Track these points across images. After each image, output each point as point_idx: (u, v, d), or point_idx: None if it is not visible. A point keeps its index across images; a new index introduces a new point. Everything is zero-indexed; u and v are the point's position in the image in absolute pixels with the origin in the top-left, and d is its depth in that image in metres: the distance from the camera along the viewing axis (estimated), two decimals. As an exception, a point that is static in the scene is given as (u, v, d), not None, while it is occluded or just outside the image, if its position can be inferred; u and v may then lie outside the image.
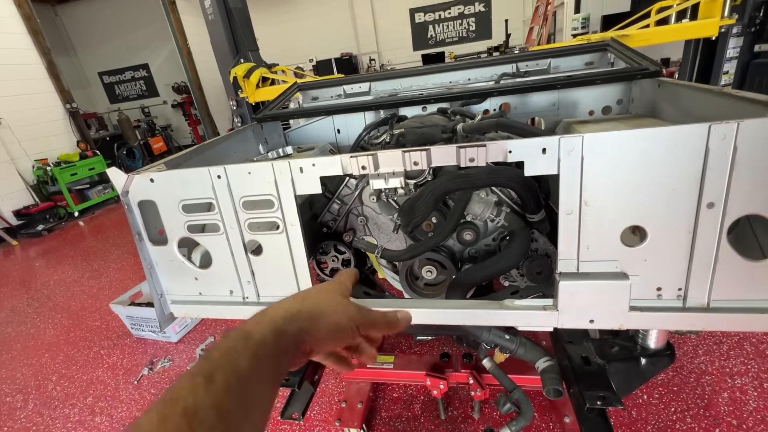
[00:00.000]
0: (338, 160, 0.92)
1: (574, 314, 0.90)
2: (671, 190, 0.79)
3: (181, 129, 11.49)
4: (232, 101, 3.40)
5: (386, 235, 1.38)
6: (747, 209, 0.77)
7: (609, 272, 0.86)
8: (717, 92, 1.04)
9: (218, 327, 2.85)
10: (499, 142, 0.82)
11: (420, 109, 1.86)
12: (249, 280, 1.09)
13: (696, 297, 0.84)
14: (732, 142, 0.73)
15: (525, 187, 1.05)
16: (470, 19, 9.45)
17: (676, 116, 1.29)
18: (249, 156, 1.71)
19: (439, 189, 1.04)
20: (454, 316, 1.01)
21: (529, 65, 1.95)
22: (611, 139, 0.78)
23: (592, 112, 1.72)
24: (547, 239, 1.19)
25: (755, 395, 1.74)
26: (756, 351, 1.96)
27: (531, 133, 1.11)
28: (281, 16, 9.70)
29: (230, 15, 3.22)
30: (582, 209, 0.83)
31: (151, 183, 1.04)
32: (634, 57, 1.54)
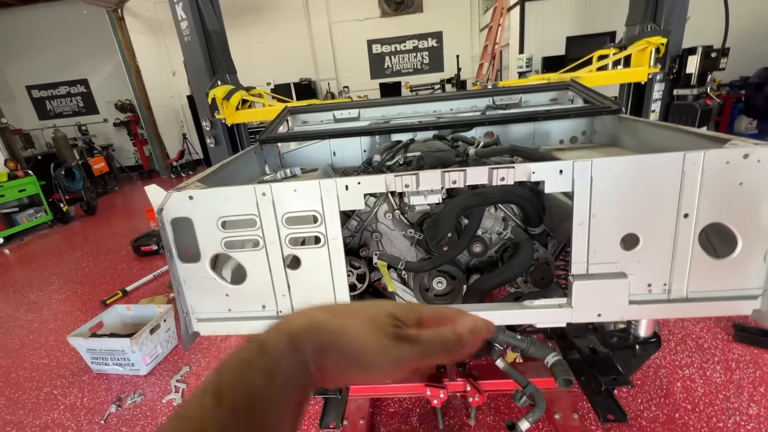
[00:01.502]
0: (383, 179, 1.02)
1: (585, 310, 1.06)
2: (658, 204, 0.99)
3: (123, 149, 10.77)
4: (205, 122, 3.35)
5: (398, 249, 1.48)
6: (712, 218, 0.99)
7: (612, 272, 1.04)
8: (672, 128, 1.31)
9: (193, 356, 2.70)
10: (525, 164, 0.98)
11: (413, 135, 2.02)
12: (284, 294, 1.13)
13: (677, 290, 1.04)
14: (700, 167, 0.95)
15: (532, 203, 1.22)
16: (424, 53, 10.12)
17: (636, 146, 1.57)
18: (254, 176, 1.74)
19: (461, 205, 1.17)
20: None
21: (503, 99, 2.20)
22: (614, 163, 0.97)
23: (563, 141, 1.99)
24: (546, 249, 1.37)
25: (701, 382, 2.03)
26: (696, 345, 2.30)
27: (540, 156, 1.29)
28: (239, 38, 9.65)
29: (208, 37, 3.22)
30: (591, 220, 1.01)
31: (190, 200, 1.06)
32: (594, 96, 1.83)
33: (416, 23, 9.88)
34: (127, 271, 4.26)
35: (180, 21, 3.22)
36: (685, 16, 3.24)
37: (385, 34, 10.04)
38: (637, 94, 3.32)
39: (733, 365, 2.12)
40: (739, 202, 0.97)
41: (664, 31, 2.99)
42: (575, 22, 6.80)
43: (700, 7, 4.00)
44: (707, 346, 2.28)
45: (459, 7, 9.62)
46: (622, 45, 3.13)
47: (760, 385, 1.97)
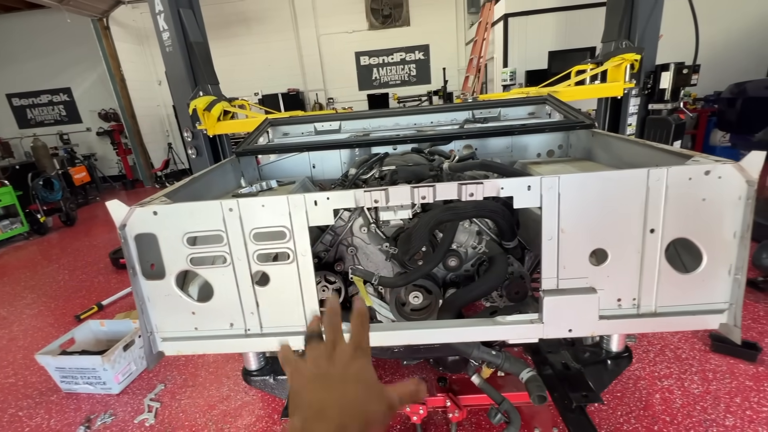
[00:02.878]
0: (352, 194, 1.01)
1: (556, 325, 1.05)
2: (624, 219, 1.00)
3: (106, 158, 10.58)
4: (186, 132, 3.31)
5: (374, 264, 1.47)
6: (677, 233, 1.00)
7: (582, 288, 1.04)
8: (641, 144, 1.33)
9: (168, 372, 2.61)
10: (494, 180, 0.98)
11: (392, 148, 2.02)
12: (253, 312, 1.10)
13: (646, 305, 1.05)
14: (664, 183, 0.97)
15: (504, 217, 1.22)
16: (411, 65, 10.26)
17: (608, 160, 1.59)
18: (229, 189, 1.72)
19: (434, 220, 1.17)
20: (452, 334, 1.12)
21: (482, 112, 2.23)
22: (580, 179, 0.98)
23: (540, 155, 2.02)
24: (520, 263, 1.37)
25: (680, 394, 2.04)
26: (675, 356, 2.32)
27: (511, 172, 1.30)
28: (228, 48, 9.68)
29: (190, 49, 3.20)
30: (560, 236, 1.01)
31: (154, 216, 1.03)
32: (569, 110, 1.86)
33: (403, 36, 10.03)
34: (104, 285, 4.14)
35: (162, 32, 3.20)
36: (657, 34, 3.36)
37: (372, 46, 10.17)
38: (614, 109, 3.41)
39: (710, 376, 2.14)
40: (702, 218, 0.98)
41: (638, 48, 3.09)
42: (557, 37, 6.99)
43: (673, 25, 4.15)
44: (685, 357, 2.30)
45: (445, 22, 9.81)
46: (598, 61, 3.22)
47: (736, 396, 1.99)
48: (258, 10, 9.88)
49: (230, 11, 9.76)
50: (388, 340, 1.13)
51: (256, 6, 9.85)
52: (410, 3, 9.79)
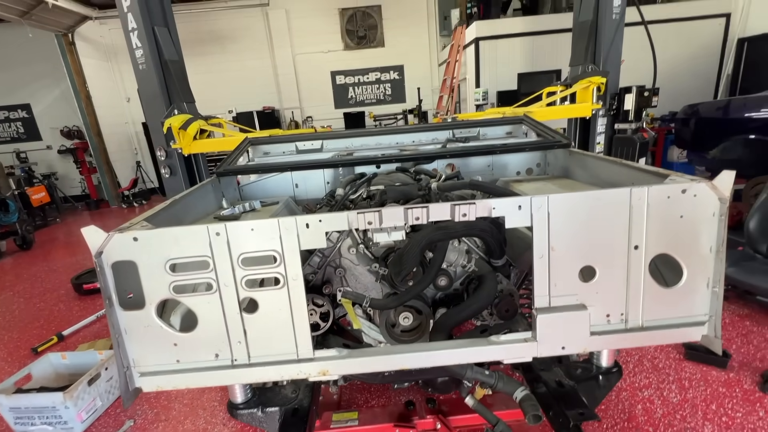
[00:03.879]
0: (345, 217, 1.00)
1: (550, 343, 1.06)
2: (610, 237, 1.03)
3: (68, 177, 10.07)
4: (160, 151, 3.20)
5: (363, 285, 1.44)
6: (659, 249, 1.04)
7: (572, 305, 1.06)
8: (618, 163, 1.40)
9: (138, 407, 2.43)
10: (486, 200, 1.00)
11: (375, 167, 2.03)
12: (240, 341, 1.05)
13: (634, 319, 1.08)
14: (645, 201, 1.01)
15: (493, 236, 1.23)
16: (387, 85, 10.47)
17: (586, 178, 1.66)
18: (210, 211, 1.66)
19: (425, 240, 1.16)
20: (446, 357, 1.10)
21: (462, 132, 2.29)
22: (568, 199, 1.00)
23: (519, 173, 2.08)
24: (509, 280, 1.38)
25: (660, 403, 2.10)
26: (652, 365, 2.39)
27: (500, 192, 1.33)
28: (200, 66, 9.54)
29: (165, 67, 3.13)
30: (550, 254, 1.03)
31: (134, 242, 0.97)
32: (545, 130, 1.94)
33: (378, 57, 10.25)
34: (65, 313, 3.85)
35: (135, 49, 3.12)
36: (619, 59, 3.60)
37: (348, 66, 10.32)
38: (583, 128, 3.60)
39: (686, 384, 2.22)
40: (681, 234, 1.03)
41: (603, 72, 3.30)
42: (525, 60, 7.35)
43: (632, 52, 4.47)
44: (662, 366, 2.37)
45: (418, 44, 10.12)
46: (567, 83, 3.40)
47: (712, 403, 2.06)
48: (233, 29, 9.86)
49: (204, 29, 9.68)
50: (380, 366, 1.10)
51: (230, 25, 9.82)
52: (384, 25, 10.06)
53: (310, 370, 1.06)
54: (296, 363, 1.06)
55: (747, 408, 2.01)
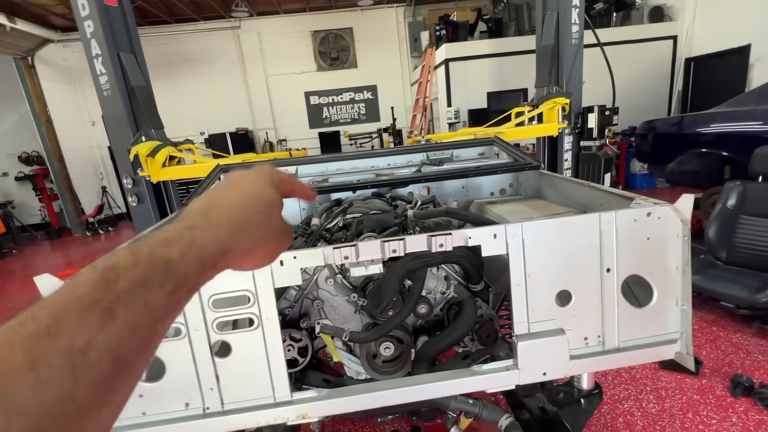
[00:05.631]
0: (320, 252, 0.97)
1: (532, 370, 1.06)
2: (583, 261, 1.05)
3: (26, 206, 9.51)
4: (126, 179, 3.07)
5: (342, 316, 1.41)
6: (630, 271, 1.07)
7: (551, 330, 1.06)
8: (585, 185, 1.44)
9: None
10: (462, 230, 1.00)
11: (351, 193, 2.01)
12: (212, 387, 0.99)
13: (610, 341, 1.09)
14: (614, 225, 1.04)
15: (471, 262, 1.24)
16: (361, 104, 10.61)
17: (557, 198, 1.71)
18: (179, 244, 1.59)
19: (404, 269, 1.15)
20: (430, 391, 1.08)
21: (436, 154, 2.32)
22: (540, 226, 1.02)
23: (493, 193, 2.12)
24: (488, 305, 1.38)
25: (640, 415, 2.13)
26: (630, 376, 2.44)
27: (475, 220, 1.34)
28: (169, 88, 9.37)
29: (131, 92, 3.04)
30: (527, 280, 1.04)
31: (94, 288, 0.91)
32: (516, 152, 2.00)
33: (352, 77, 10.41)
34: (20, 354, 3.56)
35: (99, 75, 3.02)
36: (581, 81, 3.81)
37: (322, 86, 10.42)
38: (551, 146, 3.76)
39: (663, 393, 2.27)
40: (648, 255, 1.07)
41: (566, 93, 3.47)
42: (493, 80, 7.65)
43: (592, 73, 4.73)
44: (639, 377, 2.42)
45: (391, 65, 10.36)
46: (534, 104, 3.55)
47: (688, 411, 2.11)
48: (203, 51, 9.80)
49: (174, 51, 9.57)
50: (362, 404, 1.06)
51: (201, 47, 9.76)
52: (357, 47, 10.27)
53: (288, 414, 1.01)
54: (273, 407, 1.01)
55: (721, 414, 2.07)
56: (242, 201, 0.43)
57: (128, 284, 0.30)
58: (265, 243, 0.44)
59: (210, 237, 0.38)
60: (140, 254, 0.33)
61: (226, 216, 0.41)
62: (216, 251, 0.38)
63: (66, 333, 0.25)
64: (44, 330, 0.25)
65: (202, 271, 0.36)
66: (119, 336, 0.28)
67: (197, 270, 0.35)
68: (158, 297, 0.31)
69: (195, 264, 0.35)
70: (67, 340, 0.25)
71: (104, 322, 0.27)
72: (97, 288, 0.29)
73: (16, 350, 0.24)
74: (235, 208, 0.42)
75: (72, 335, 0.25)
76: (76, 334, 0.26)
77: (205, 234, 0.38)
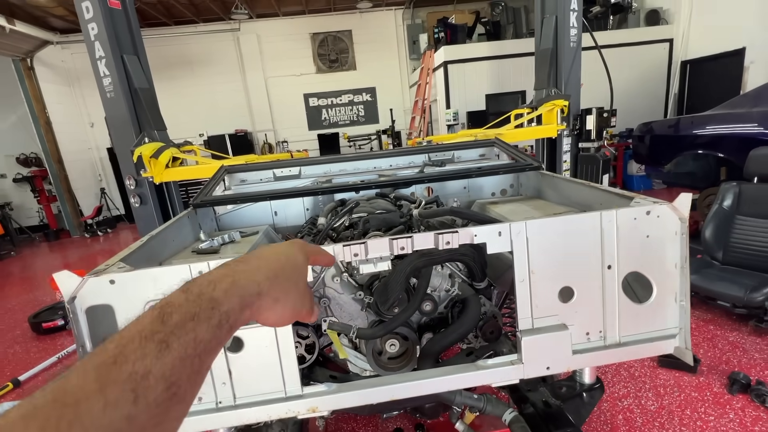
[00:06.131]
0: (330, 250, 1.00)
1: (535, 364, 1.09)
2: (585, 258, 1.08)
3: (24, 207, 9.49)
4: (129, 180, 3.09)
5: (348, 314, 1.43)
6: (630, 268, 1.10)
7: (554, 325, 1.09)
8: (586, 185, 1.48)
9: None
10: (468, 228, 1.03)
11: (354, 193, 2.04)
12: (225, 382, 1.01)
13: (611, 336, 1.13)
14: (615, 224, 1.07)
15: (475, 260, 1.27)
16: (359, 106, 10.66)
17: (558, 199, 1.74)
18: (187, 244, 1.61)
19: (410, 267, 1.18)
20: (436, 385, 1.11)
21: (438, 155, 2.35)
22: (543, 224, 1.05)
23: (494, 194, 2.15)
24: (491, 302, 1.41)
25: (639, 412, 2.16)
26: (629, 374, 2.47)
27: (480, 219, 1.37)
28: (169, 90, 9.38)
29: (134, 95, 3.07)
30: (531, 277, 1.07)
31: (111, 285, 0.94)
32: (516, 153, 2.03)
33: (351, 79, 10.46)
34: (21, 356, 3.57)
35: (102, 77, 3.05)
36: (579, 84, 3.86)
37: (321, 88, 10.45)
38: (550, 148, 3.80)
39: (662, 391, 2.30)
40: (648, 253, 1.10)
41: (565, 95, 3.52)
42: (491, 82, 7.71)
43: (590, 75, 4.79)
44: (638, 375, 2.46)
45: (389, 67, 10.41)
46: (533, 106, 3.60)
47: (686, 408, 2.15)
48: (203, 53, 9.82)
49: (174, 53, 9.59)
50: (371, 398, 1.09)
51: (201, 49, 9.79)
52: (356, 49, 10.32)
53: (299, 408, 1.03)
54: (284, 401, 1.03)
55: (718, 411, 2.11)
56: (277, 257, 0.51)
57: (180, 318, 0.35)
58: (292, 297, 0.50)
59: (249, 278, 0.44)
60: (191, 293, 0.38)
61: (263, 265, 0.48)
62: (253, 292, 0.44)
63: (129, 361, 0.30)
64: (111, 359, 0.29)
65: (242, 309, 0.41)
66: (173, 365, 0.32)
67: (238, 308, 0.41)
68: (205, 330, 0.36)
69: (236, 302, 0.41)
70: (130, 367, 0.29)
71: (161, 351, 0.32)
72: (155, 322, 0.34)
73: (89, 376, 0.28)
74: (271, 261, 0.49)
75: (134, 363, 0.30)
76: (138, 362, 0.30)
77: (245, 276, 0.44)
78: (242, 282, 0.43)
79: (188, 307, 0.37)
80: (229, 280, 0.42)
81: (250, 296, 0.43)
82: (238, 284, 0.42)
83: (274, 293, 0.46)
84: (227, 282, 0.41)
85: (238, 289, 0.42)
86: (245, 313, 0.42)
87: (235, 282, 0.42)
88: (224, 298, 0.40)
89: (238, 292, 0.42)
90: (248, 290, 0.43)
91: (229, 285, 0.41)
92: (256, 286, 0.44)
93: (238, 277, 0.43)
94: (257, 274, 0.45)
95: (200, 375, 0.36)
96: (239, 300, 0.41)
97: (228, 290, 0.41)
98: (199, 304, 0.37)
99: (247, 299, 0.43)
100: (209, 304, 0.38)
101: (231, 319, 0.39)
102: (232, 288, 0.41)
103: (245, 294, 0.42)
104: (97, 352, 0.30)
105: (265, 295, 0.45)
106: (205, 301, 0.38)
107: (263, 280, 0.45)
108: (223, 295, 0.40)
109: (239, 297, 0.41)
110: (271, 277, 0.47)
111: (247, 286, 0.43)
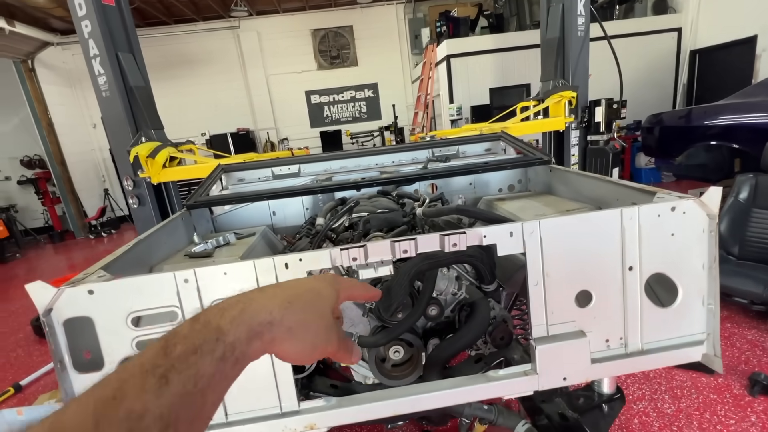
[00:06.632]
0: (327, 254, 0.92)
1: (551, 375, 1.00)
2: (604, 259, 1.00)
3: (29, 209, 9.51)
4: (127, 181, 3.03)
5: (349, 319, 1.35)
6: (653, 269, 1.01)
7: (571, 332, 1.01)
8: (600, 179, 1.39)
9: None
10: (476, 228, 0.95)
11: (355, 191, 1.96)
12: (216, 398, 0.94)
13: (633, 343, 1.04)
14: (637, 221, 0.98)
15: (483, 261, 1.18)
16: (362, 102, 10.54)
17: (568, 194, 1.65)
18: (180, 246, 1.54)
19: (414, 270, 1.10)
20: (443, 398, 1.03)
21: (442, 150, 2.26)
22: (559, 222, 0.97)
23: (501, 189, 2.06)
24: (500, 305, 1.33)
25: (655, 416, 2.07)
26: (644, 375, 2.38)
27: (488, 218, 1.28)
28: (170, 89, 9.34)
29: (130, 93, 3.00)
30: (545, 280, 0.98)
31: (90, 296, 0.87)
32: (524, 146, 1.94)
33: (352, 76, 10.35)
34: (24, 360, 3.54)
35: (97, 76, 2.98)
36: (587, 74, 3.73)
37: (322, 85, 10.35)
38: (557, 141, 3.69)
39: (678, 393, 2.21)
40: (673, 252, 1.01)
41: (572, 87, 3.40)
42: (495, 75, 7.57)
43: (597, 65, 4.66)
44: (653, 376, 2.36)
45: (391, 62, 10.29)
46: (540, 98, 3.49)
47: (705, 411, 2.05)
48: (203, 51, 9.76)
49: (173, 52, 9.54)
50: (373, 414, 1.01)
51: (200, 48, 9.72)
52: (357, 45, 10.20)
53: (295, 425, 0.96)
54: (280, 418, 0.96)
55: (739, 414, 2.01)
56: (297, 284, 0.48)
57: (183, 350, 0.33)
58: (312, 330, 0.44)
59: (261, 306, 0.41)
60: (198, 322, 0.36)
61: (279, 293, 0.44)
62: (264, 320, 0.40)
63: (128, 398, 0.29)
64: (111, 395, 0.29)
65: (249, 340, 0.38)
66: (171, 403, 0.30)
67: (245, 338, 0.38)
68: (208, 364, 0.33)
69: (244, 332, 0.38)
70: (129, 405, 0.28)
71: (160, 388, 0.30)
72: (158, 354, 0.32)
73: (88, 411, 0.27)
74: (289, 288, 0.46)
75: (132, 401, 0.28)
76: (136, 400, 0.29)
77: (257, 303, 0.41)
78: (252, 310, 0.40)
79: (193, 338, 0.34)
80: (240, 308, 0.39)
81: (260, 325, 0.39)
82: (247, 312, 0.39)
83: (287, 323, 0.42)
84: (237, 309, 0.39)
85: (247, 317, 0.39)
86: (254, 345, 0.39)
87: (244, 310, 0.39)
88: (230, 328, 0.37)
89: (247, 321, 0.38)
90: (257, 318, 0.39)
91: (238, 312, 0.38)
92: (267, 315, 0.40)
93: (249, 304, 0.40)
94: (271, 302, 0.42)
95: (203, 414, 0.33)
96: (246, 329, 0.38)
97: (235, 318, 0.38)
98: (204, 334, 0.35)
99: (256, 328, 0.39)
100: (214, 335, 0.36)
101: (237, 352, 0.36)
102: (240, 316, 0.38)
103: (254, 323, 0.39)
104: (101, 383, 0.30)
105: (278, 325, 0.41)
106: (211, 330, 0.36)
107: (276, 308, 0.41)
108: (230, 324, 0.37)
109: (247, 326, 0.38)
110: (287, 305, 0.42)
111: (256, 315, 0.40)
